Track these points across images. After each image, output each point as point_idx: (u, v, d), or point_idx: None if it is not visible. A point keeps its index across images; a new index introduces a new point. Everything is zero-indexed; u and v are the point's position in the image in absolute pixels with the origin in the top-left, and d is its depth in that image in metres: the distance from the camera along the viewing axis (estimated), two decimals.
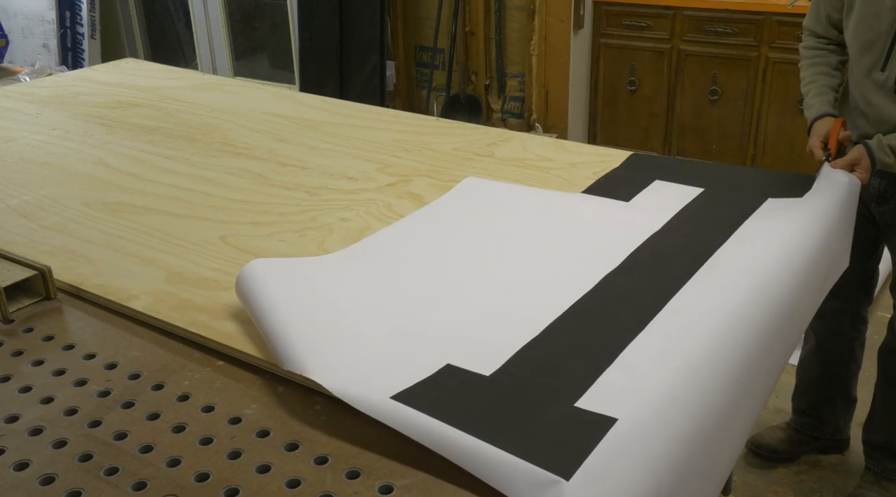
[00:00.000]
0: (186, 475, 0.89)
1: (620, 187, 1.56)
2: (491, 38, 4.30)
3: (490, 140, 1.85)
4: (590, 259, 1.30)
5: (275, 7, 4.89)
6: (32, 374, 1.08)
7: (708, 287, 1.20)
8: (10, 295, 1.24)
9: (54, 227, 1.48)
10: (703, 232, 1.38)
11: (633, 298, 1.19)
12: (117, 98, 2.24)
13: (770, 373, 1.21)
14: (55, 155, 1.83)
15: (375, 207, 1.52)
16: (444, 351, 1.06)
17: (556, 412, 0.94)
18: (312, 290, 1.18)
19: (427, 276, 1.27)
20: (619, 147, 1.92)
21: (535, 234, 1.39)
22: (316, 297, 1.16)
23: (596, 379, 1.00)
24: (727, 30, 3.83)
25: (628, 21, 4.07)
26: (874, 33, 1.73)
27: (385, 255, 1.33)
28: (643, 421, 0.91)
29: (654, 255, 1.31)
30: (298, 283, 1.17)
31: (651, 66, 4.09)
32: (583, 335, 1.10)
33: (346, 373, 0.99)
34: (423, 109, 4.44)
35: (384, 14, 4.20)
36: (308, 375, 0.98)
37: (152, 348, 1.13)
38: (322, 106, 2.12)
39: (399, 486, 0.87)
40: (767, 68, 3.79)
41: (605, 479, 0.83)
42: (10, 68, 4.26)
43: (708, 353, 1.03)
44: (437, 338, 1.10)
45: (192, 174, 1.71)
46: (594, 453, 0.86)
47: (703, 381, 0.99)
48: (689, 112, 4.08)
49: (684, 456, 0.90)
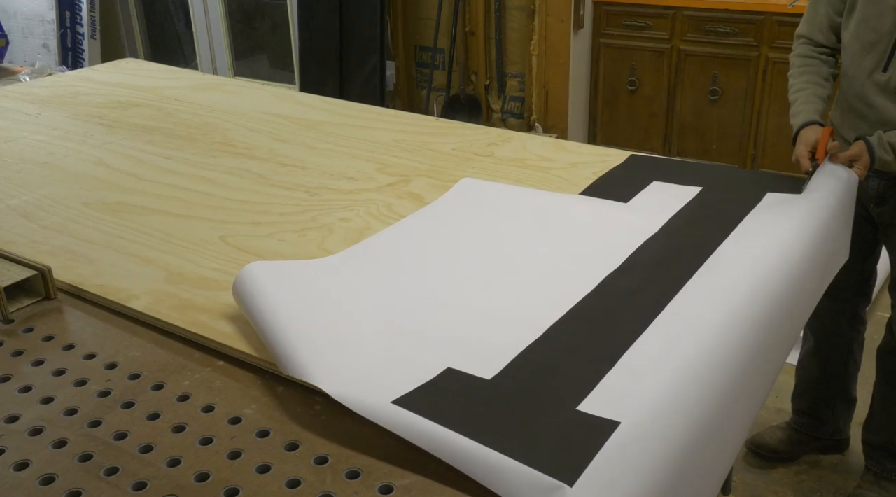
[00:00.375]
0: (186, 475, 0.89)
1: (619, 188, 1.56)
2: (491, 38, 4.30)
3: (490, 140, 1.85)
4: (589, 260, 1.30)
5: (275, 7, 4.89)
6: (32, 374, 1.08)
7: (708, 287, 1.20)
8: (10, 295, 1.24)
9: (54, 227, 1.48)
10: (703, 231, 1.37)
11: (633, 300, 1.18)
12: (117, 98, 2.24)
13: (769, 371, 1.21)
14: (55, 155, 1.83)
15: (375, 207, 1.52)
16: (444, 353, 1.06)
17: (559, 416, 0.93)
18: (313, 292, 1.18)
19: (427, 277, 1.27)
20: (619, 147, 1.92)
21: (534, 235, 1.39)
22: (317, 299, 1.16)
23: (598, 382, 0.99)
24: (727, 30, 3.83)
25: (628, 21, 4.07)
26: (877, 34, 1.73)
27: (384, 256, 1.33)
28: (645, 423, 0.90)
29: (654, 256, 1.31)
30: (297, 285, 1.17)
31: (651, 66, 4.09)
32: (583, 337, 1.10)
33: (347, 376, 0.99)
34: (423, 109, 4.44)
35: (384, 14, 4.20)
36: (309, 380, 0.97)
37: (152, 348, 1.13)
38: (322, 106, 2.12)
39: (399, 486, 0.87)
40: (767, 68, 3.79)
41: (609, 483, 0.82)
42: (10, 68, 4.27)
43: (708, 354, 1.03)
44: (438, 340, 1.10)
45: (192, 174, 1.71)
46: (597, 458, 0.85)
47: (704, 381, 0.99)
48: (689, 112, 4.08)
49: (685, 456, 0.90)
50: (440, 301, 1.20)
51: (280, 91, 2.41)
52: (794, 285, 1.25)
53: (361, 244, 1.36)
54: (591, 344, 1.08)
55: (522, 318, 1.14)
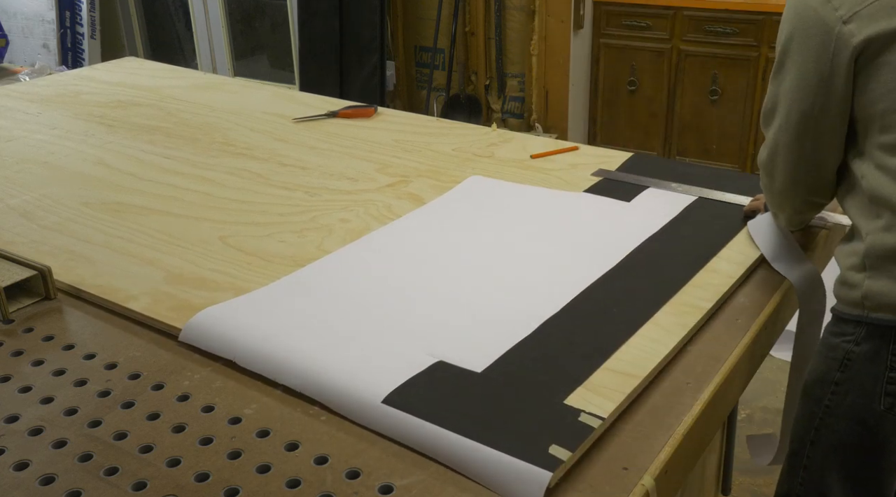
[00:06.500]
0: (186, 475, 0.89)
1: (621, 188, 1.56)
2: (491, 38, 4.30)
3: (490, 140, 1.85)
4: (588, 258, 1.30)
5: (275, 7, 4.89)
6: (32, 374, 1.08)
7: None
8: (10, 295, 1.24)
9: (54, 227, 1.48)
10: (702, 233, 1.38)
11: (629, 298, 1.19)
12: (118, 97, 2.24)
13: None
14: (55, 155, 1.83)
15: (375, 208, 1.52)
16: (437, 347, 1.07)
17: (545, 408, 0.95)
18: (306, 294, 1.20)
19: (424, 272, 1.28)
20: (619, 147, 1.92)
21: (534, 232, 1.40)
22: (307, 304, 1.18)
23: (588, 377, 1.01)
24: (727, 30, 3.83)
25: (628, 21, 4.06)
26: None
27: (383, 251, 1.34)
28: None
29: (652, 256, 1.31)
30: (277, 310, 1.18)
31: (651, 66, 4.09)
32: (577, 333, 1.11)
33: (340, 377, 1.00)
34: (423, 109, 4.44)
35: (384, 14, 4.19)
36: (305, 392, 1.00)
37: (152, 348, 1.13)
38: (322, 106, 2.12)
39: (399, 486, 0.87)
40: (767, 68, 3.78)
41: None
42: (10, 68, 4.26)
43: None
44: (431, 334, 1.11)
45: (192, 174, 1.71)
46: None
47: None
48: (689, 112, 4.08)
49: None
50: (436, 295, 1.21)
51: (280, 91, 2.41)
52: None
53: (363, 239, 1.38)
54: (584, 340, 1.09)
55: (517, 314, 1.15)
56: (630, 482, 0.87)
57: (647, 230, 1.39)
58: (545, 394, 0.98)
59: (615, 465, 0.89)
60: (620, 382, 1.00)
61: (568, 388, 0.98)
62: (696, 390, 1.02)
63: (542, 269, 1.28)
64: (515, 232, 1.40)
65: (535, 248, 1.35)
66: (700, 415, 0.98)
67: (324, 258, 1.32)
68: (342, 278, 1.26)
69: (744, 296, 1.23)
